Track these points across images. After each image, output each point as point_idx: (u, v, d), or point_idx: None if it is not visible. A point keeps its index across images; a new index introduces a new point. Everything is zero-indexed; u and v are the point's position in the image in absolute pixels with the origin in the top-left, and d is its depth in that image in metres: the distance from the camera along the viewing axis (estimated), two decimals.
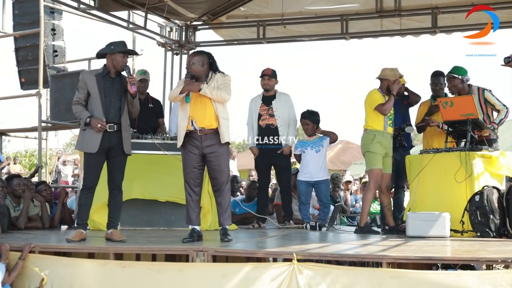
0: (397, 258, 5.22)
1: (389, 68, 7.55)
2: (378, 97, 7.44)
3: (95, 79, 6.39)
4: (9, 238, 6.20)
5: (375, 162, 7.40)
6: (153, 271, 5.42)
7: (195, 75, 6.35)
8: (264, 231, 7.80)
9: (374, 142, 7.38)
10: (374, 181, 7.47)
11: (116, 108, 6.38)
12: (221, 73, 6.43)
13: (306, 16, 11.38)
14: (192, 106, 6.30)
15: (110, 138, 6.34)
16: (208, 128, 6.29)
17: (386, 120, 7.43)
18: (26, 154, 33.32)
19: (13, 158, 21.32)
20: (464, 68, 7.56)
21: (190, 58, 6.47)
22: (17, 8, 11.62)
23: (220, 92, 6.28)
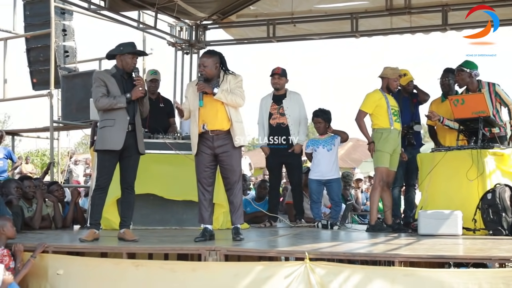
0: (409, 256, 5.22)
1: (389, 67, 7.58)
2: (374, 98, 7.48)
3: (114, 79, 6.40)
4: (22, 238, 6.23)
5: (382, 160, 7.41)
6: (166, 270, 5.44)
7: (208, 78, 6.34)
8: (276, 230, 7.82)
9: (382, 140, 7.39)
10: (380, 179, 7.48)
11: (132, 108, 6.41)
12: (232, 74, 6.40)
13: (316, 15, 11.38)
14: (203, 110, 6.28)
15: (127, 137, 6.37)
16: (220, 130, 6.29)
17: (391, 116, 7.43)
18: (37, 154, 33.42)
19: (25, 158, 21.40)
20: (475, 63, 7.54)
21: (203, 60, 6.39)
22: (28, 9, 11.70)
23: (235, 97, 6.26)
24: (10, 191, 7.37)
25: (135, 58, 6.47)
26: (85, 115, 9.93)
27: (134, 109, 6.42)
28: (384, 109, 7.43)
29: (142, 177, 6.86)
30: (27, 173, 15.67)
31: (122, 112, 6.33)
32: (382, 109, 7.43)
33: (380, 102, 7.44)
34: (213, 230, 6.41)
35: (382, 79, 7.58)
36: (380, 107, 7.44)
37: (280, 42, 12.08)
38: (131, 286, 5.44)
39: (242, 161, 10.77)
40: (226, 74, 6.38)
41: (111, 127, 6.32)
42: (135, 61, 6.46)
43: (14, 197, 7.29)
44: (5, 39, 11.81)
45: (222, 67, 6.39)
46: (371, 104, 7.47)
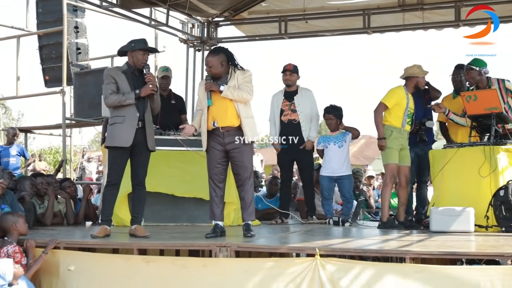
0: (421, 253, 5.20)
1: (415, 65, 7.51)
2: (399, 94, 7.41)
3: (124, 76, 6.41)
4: (34, 235, 6.26)
5: (391, 156, 7.39)
6: (177, 266, 5.45)
7: (215, 76, 6.32)
8: (287, 227, 7.80)
9: (391, 138, 7.36)
10: (390, 176, 7.45)
11: (142, 105, 6.42)
12: (241, 70, 6.36)
13: (328, 11, 11.36)
14: (212, 108, 6.27)
15: (137, 134, 6.39)
16: (230, 126, 6.29)
17: (405, 118, 7.41)
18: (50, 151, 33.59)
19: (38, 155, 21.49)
20: (484, 61, 7.49)
21: (208, 60, 6.36)
22: (41, 7, 11.76)
23: (241, 92, 6.24)
24: (24, 187, 7.42)
25: (146, 54, 6.48)
26: (97, 112, 9.98)
27: (144, 106, 6.43)
28: (402, 109, 7.39)
29: (152, 174, 6.88)
30: (40, 170, 15.74)
31: (132, 109, 6.35)
32: (400, 108, 7.39)
33: (401, 100, 7.40)
34: (224, 227, 6.41)
35: (408, 79, 7.51)
36: (399, 105, 7.39)
37: (291, 39, 12.06)
38: (142, 282, 5.45)
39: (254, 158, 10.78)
40: (235, 70, 6.35)
41: (121, 124, 6.34)
42: (146, 57, 6.47)
43: (27, 193, 7.33)
44: (18, 36, 11.88)
45: (229, 63, 6.36)
46: (394, 99, 7.41)
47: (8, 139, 11.64)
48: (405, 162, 7.48)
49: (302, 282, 5.09)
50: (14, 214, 5.83)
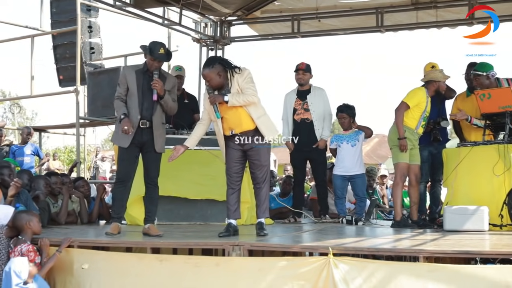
0: (435, 252, 5.17)
1: (438, 70, 7.47)
2: (421, 96, 7.37)
3: (135, 75, 6.44)
4: (48, 233, 6.30)
5: (402, 156, 7.36)
6: (190, 265, 5.45)
7: (218, 87, 6.27)
8: (300, 226, 7.80)
9: None
10: (401, 175, 7.44)
11: (150, 106, 6.42)
12: (238, 73, 6.26)
13: (340, 10, 11.33)
14: (226, 118, 6.26)
15: (143, 134, 6.41)
16: (248, 130, 6.28)
17: (421, 121, 7.39)
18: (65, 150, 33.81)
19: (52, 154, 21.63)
20: (490, 64, 7.43)
21: (205, 75, 6.27)
22: (55, 7, 11.81)
23: (246, 97, 6.18)
24: (39, 187, 7.46)
25: (156, 61, 6.44)
26: (111, 112, 9.99)
27: (152, 108, 6.42)
28: (420, 111, 7.37)
29: (165, 177, 6.91)
30: (54, 170, 15.82)
31: (134, 110, 6.37)
32: (418, 110, 7.36)
33: (421, 103, 7.36)
34: (237, 226, 6.41)
35: (429, 82, 7.46)
36: (418, 107, 7.36)
37: (304, 38, 12.04)
38: (155, 280, 5.46)
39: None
40: (233, 75, 6.26)
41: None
42: (156, 64, 6.43)
43: (41, 192, 7.37)
44: (32, 36, 11.93)
45: (226, 70, 6.28)
46: (415, 100, 7.36)
47: (22, 138, 11.70)
48: (415, 160, 7.46)
49: (315, 281, 5.08)
50: (28, 213, 5.86)
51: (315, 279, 5.08)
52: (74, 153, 28.83)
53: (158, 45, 6.43)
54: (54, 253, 5.62)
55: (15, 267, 5.30)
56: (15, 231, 5.70)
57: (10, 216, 5.74)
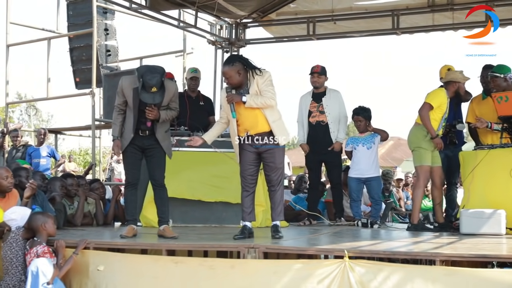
0: (451, 256, 5.13)
1: (458, 71, 7.42)
2: (443, 97, 7.31)
3: (131, 93, 6.29)
4: (64, 235, 6.32)
5: (425, 158, 7.31)
6: (205, 267, 5.45)
7: (236, 86, 6.25)
8: (315, 228, 7.78)
9: (426, 139, 7.28)
10: (424, 178, 7.37)
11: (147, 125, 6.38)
12: (259, 75, 6.24)
13: (356, 12, 11.31)
14: (241, 119, 6.24)
15: (143, 139, 6.42)
16: (263, 131, 6.26)
17: (441, 123, 7.33)
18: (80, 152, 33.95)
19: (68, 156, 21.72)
20: (507, 66, 7.36)
21: (225, 72, 6.26)
22: (71, 9, 11.89)
23: (264, 99, 6.15)
24: (55, 188, 7.49)
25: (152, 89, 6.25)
26: None
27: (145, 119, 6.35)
28: (441, 113, 7.31)
29: (179, 180, 6.93)
30: (70, 171, 15.89)
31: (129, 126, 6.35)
32: (440, 112, 7.30)
33: (443, 104, 7.30)
34: (252, 228, 6.40)
35: (448, 83, 7.41)
36: (440, 108, 7.29)
37: (320, 40, 12.03)
38: (171, 282, 5.46)
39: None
40: (253, 75, 6.24)
41: (123, 132, 6.44)
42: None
43: (57, 194, 7.40)
44: (49, 38, 12.00)
45: (247, 69, 6.26)
46: (438, 101, 7.28)
47: (38, 140, 11.77)
48: (436, 162, 7.40)
49: (330, 284, 5.06)
50: (43, 215, 5.88)
51: (330, 282, 5.05)
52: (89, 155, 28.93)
53: (153, 78, 6.14)
54: (71, 255, 5.64)
55: (43, 267, 5.36)
56: (31, 233, 5.72)
57: (26, 218, 5.77)
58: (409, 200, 11.40)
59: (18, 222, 5.76)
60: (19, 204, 6.31)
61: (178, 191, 7.51)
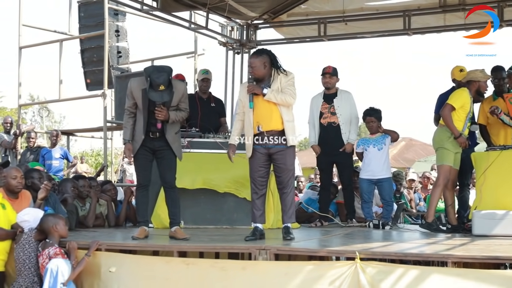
0: (463, 257, 5.11)
1: (478, 70, 7.39)
2: (466, 98, 7.28)
3: (141, 95, 6.35)
4: (76, 236, 6.35)
5: (448, 158, 7.27)
6: (217, 269, 5.45)
7: (258, 78, 6.29)
8: (327, 230, 7.76)
9: (449, 140, 7.25)
10: (444, 177, 7.34)
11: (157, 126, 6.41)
12: (283, 73, 6.31)
13: (367, 13, 11.28)
14: (256, 111, 6.25)
15: (153, 141, 6.45)
16: (275, 130, 6.27)
17: (466, 123, 7.30)
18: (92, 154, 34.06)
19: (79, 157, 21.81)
20: None
21: (251, 61, 6.32)
22: (83, 11, 11.93)
23: (285, 96, 6.20)
24: (66, 190, 7.53)
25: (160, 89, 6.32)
26: None
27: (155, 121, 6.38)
28: (465, 113, 7.28)
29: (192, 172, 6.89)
30: (82, 173, 15.96)
31: (140, 128, 6.40)
32: (463, 112, 7.27)
33: (466, 104, 7.27)
34: (263, 229, 6.41)
35: (469, 83, 7.38)
36: (463, 109, 7.26)
37: (331, 41, 12.01)
38: (182, 284, 5.47)
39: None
40: (278, 73, 6.32)
41: (134, 135, 6.47)
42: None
43: (69, 195, 7.43)
44: (61, 40, 12.03)
45: (272, 65, 6.34)
46: (460, 102, 7.25)
47: (51, 141, 11.82)
48: (455, 166, 7.37)
49: (341, 285, 5.04)
50: (55, 216, 5.90)
51: (341, 284, 5.04)
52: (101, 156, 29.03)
53: (160, 77, 6.22)
54: (83, 257, 5.66)
55: (63, 267, 5.42)
56: (43, 234, 5.75)
57: (39, 219, 5.79)
58: (422, 201, 11.35)
59: (31, 224, 5.79)
60: (32, 206, 6.34)
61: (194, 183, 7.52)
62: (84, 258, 5.66)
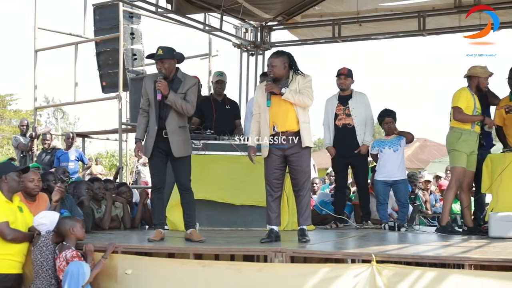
0: (480, 260, 5.08)
1: (479, 66, 7.37)
2: (466, 96, 7.25)
3: (152, 85, 6.45)
4: (93, 239, 6.38)
5: (459, 160, 7.23)
6: (233, 271, 5.45)
7: (277, 78, 6.30)
8: (342, 232, 7.75)
9: (460, 141, 7.22)
10: (456, 179, 7.30)
11: (164, 113, 6.44)
12: (301, 75, 6.33)
13: (381, 14, 11.25)
14: (272, 111, 6.25)
15: (165, 142, 6.46)
16: (290, 131, 6.27)
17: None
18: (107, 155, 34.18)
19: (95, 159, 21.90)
20: None
21: (272, 60, 6.34)
22: (98, 14, 11.97)
23: (303, 97, 6.21)
24: (81, 192, 7.55)
25: (160, 62, 6.43)
26: None
27: (165, 114, 6.43)
28: (470, 110, 7.25)
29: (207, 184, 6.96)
30: (97, 174, 16.01)
31: (153, 119, 6.44)
32: (468, 109, 7.24)
33: (469, 102, 7.25)
34: (279, 232, 6.40)
35: (470, 78, 7.38)
36: (468, 107, 7.25)
37: (345, 42, 11.99)
38: (198, 286, 5.48)
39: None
40: (295, 74, 6.33)
41: (147, 135, 6.51)
42: (159, 65, 6.44)
43: (85, 198, 7.46)
44: (76, 43, 12.11)
45: (291, 67, 6.35)
46: (463, 100, 7.23)
47: (66, 143, 11.89)
48: (471, 167, 7.33)
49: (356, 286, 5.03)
50: (71, 219, 5.93)
51: (357, 286, 5.03)
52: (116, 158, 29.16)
53: (158, 48, 6.46)
54: (99, 260, 5.68)
55: (82, 270, 5.44)
56: (60, 237, 5.78)
57: (56, 222, 5.83)
58: (438, 203, 11.30)
59: (48, 227, 5.81)
60: (48, 208, 6.38)
61: (207, 194, 7.55)
62: (101, 260, 5.68)
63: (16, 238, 5.81)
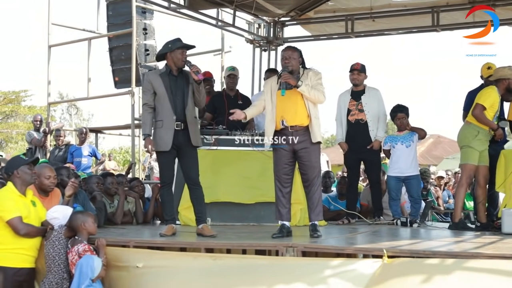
0: (493, 255, 5.05)
1: (506, 67, 7.30)
2: (495, 97, 7.19)
3: (160, 79, 6.47)
4: (105, 233, 6.40)
5: (472, 157, 7.19)
6: (244, 264, 5.46)
7: (293, 70, 6.29)
8: (354, 227, 7.74)
9: (476, 139, 7.17)
10: (467, 176, 7.27)
11: (181, 105, 6.46)
12: (312, 71, 6.34)
13: (395, 9, 11.20)
14: (281, 105, 6.24)
15: (178, 136, 6.45)
16: (300, 125, 6.26)
17: (494, 120, 7.22)
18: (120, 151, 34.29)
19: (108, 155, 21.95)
20: None
21: (289, 53, 6.33)
22: (111, 9, 12.01)
23: (318, 93, 6.21)
24: (92, 186, 7.58)
25: (184, 52, 6.49)
26: None
27: (183, 104, 6.46)
28: (493, 111, 7.20)
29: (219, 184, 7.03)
30: (110, 170, 16.05)
31: (168, 111, 6.42)
32: (492, 111, 7.19)
33: (495, 103, 7.20)
34: (290, 227, 6.40)
35: (498, 81, 7.29)
36: (492, 108, 7.18)
37: (358, 38, 11.95)
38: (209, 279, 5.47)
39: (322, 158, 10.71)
40: (306, 70, 6.34)
41: (160, 129, 6.46)
42: (184, 55, 6.49)
43: (98, 193, 7.49)
44: (89, 39, 12.16)
45: (301, 64, 6.36)
46: (490, 100, 7.16)
47: (79, 139, 11.94)
48: (483, 162, 7.28)
49: (369, 283, 5.01)
50: (83, 214, 5.96)
51: (369, 281, 5.02)
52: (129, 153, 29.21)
53: (176, 39, 6.55)
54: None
55: (94, 263, 5.47)
56: (72, 231, 5.80)
57: (68, 216, 5.85)
58: (451, 199, 11.26)
59: (61, 221, 5.85)
60: (61, 203, 6.41)
61: (217, 196, 7.57)
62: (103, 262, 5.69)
63: (29, 232, 5.84)
